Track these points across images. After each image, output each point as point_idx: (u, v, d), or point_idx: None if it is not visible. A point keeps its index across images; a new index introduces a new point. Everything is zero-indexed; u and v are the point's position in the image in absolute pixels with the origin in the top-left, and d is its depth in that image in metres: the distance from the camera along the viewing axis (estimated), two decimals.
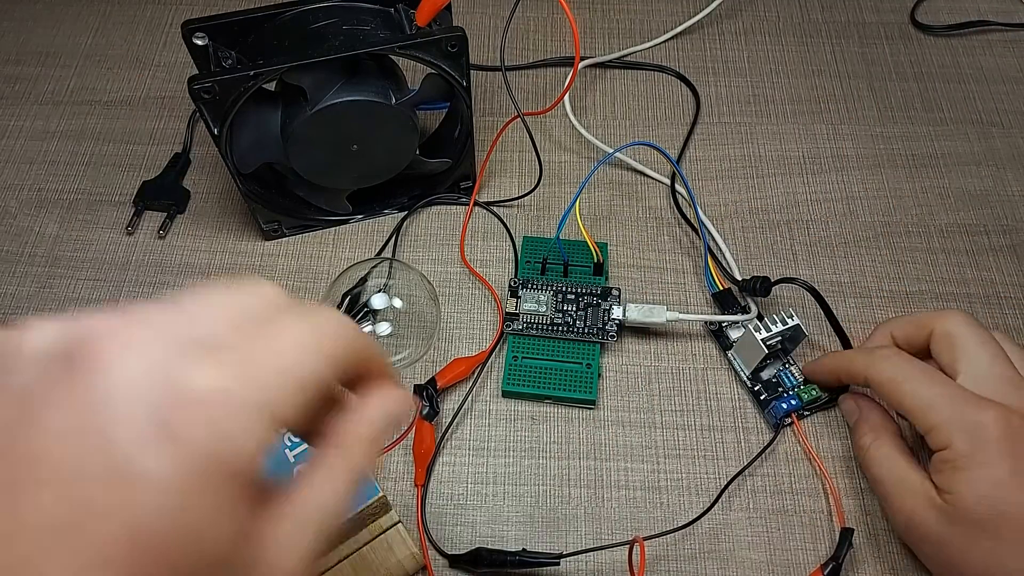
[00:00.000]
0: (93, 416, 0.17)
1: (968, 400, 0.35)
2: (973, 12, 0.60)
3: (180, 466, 0.17)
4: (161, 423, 0.17)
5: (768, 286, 0.43)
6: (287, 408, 0.19)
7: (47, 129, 0.54)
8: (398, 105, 0.43)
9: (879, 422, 0.40)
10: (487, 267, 0.48)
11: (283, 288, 0.22)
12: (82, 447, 0.16)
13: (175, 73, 0.57)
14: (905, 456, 0.38)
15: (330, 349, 0.21)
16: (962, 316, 0.38)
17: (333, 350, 0.21)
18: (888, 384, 0.37)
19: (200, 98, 0.39)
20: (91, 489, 0.16)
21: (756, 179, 0.52)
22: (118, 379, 0.17)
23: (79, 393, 0.17)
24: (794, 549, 0.40)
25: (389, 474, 0.42)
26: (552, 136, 0.54)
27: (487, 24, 0.59)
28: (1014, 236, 0.50)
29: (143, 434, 0.17)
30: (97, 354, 0.17)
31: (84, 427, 0.17)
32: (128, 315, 0.19)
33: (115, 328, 0.18)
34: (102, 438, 0.16)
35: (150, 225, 0.50)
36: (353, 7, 0.43)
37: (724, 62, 0.58)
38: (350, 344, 0.22)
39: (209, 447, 0.17)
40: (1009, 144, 0.54)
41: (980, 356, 0.36)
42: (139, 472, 0.17)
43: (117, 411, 0.17)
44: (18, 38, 0.58)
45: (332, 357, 0.21)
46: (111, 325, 0.18)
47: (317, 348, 0.21)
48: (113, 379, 0.17)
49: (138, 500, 0.17)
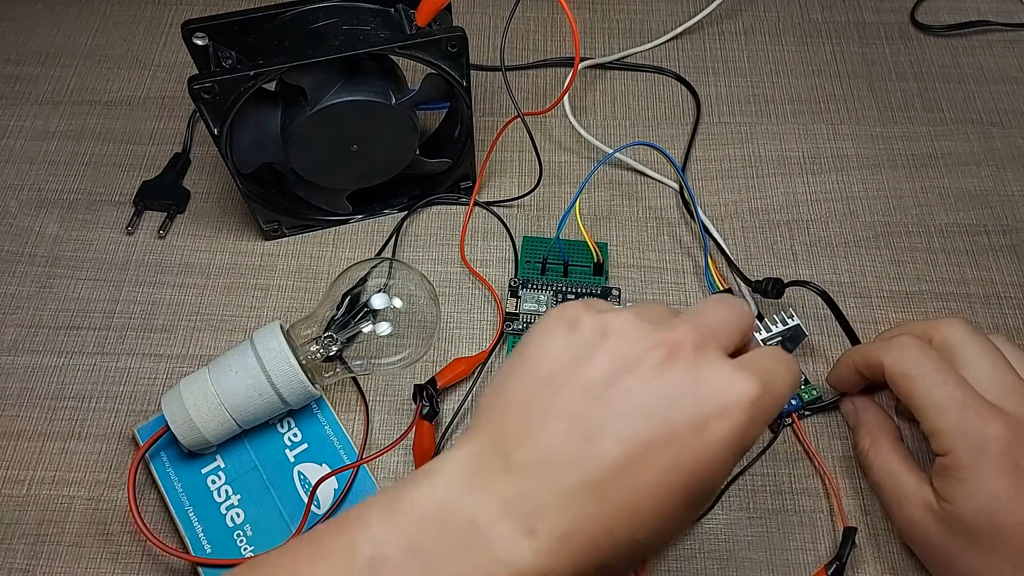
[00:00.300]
0: (687, 387, 0.28)
1: (977, 408, 0.34)
2: (973, 12, 0.60)
3: (729, 437, 0.27)
4: (726, 406, 0.27)
5: (780, 288, 0.43)
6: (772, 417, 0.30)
7: (47, 129, 0.54)
8: (398, 105, 0.43)
9: (877, 425, 0.40)
10: (487, 267, 0.48)
11: None
12: (674, 401, 0.27)
13: (175, 73, 0.57)
14: (903, 460, 0.38)
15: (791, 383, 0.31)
16: (960, 323, 0.37)
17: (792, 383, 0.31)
18: (901, 378, 0.36)
19: (200, 98, 0.39)
20: (677, 426, 0.27)
21: (756, 179, 0.52)
22: (706, 375, 0.28)
23: (678, 373, 0.28)
24: (794, 549, 0.40)
25: (389, 474, 0.42)
26: (552, 136, 0.54)
27: (487, 24, 0.59)
28: (1014, 236, 0.50)
29: (716, 410, 0.27)
30: (688, 355, 0.28)
31: (679, 392, 0.27)
32: (699, 331, 0.29)
33: (693, 341, 0.29)
34: (693, 402, 0.27)
35: (150, 225, 0.50)
36: (353, 7, 0.43)
37: (724, 62, 0.58)
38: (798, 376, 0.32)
39: (743, 431, 0.28)
40: (1009, 144, 0.54)
41: (981, 364, 0.36)
42: (710, 428, 0.27)
43: (704, 391, 0.27)
44: (18, 38, 0.58)
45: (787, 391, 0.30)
46: (693, 338, 0.29)
47: (794, 386, 0.31)
48: (702, 373, 0.28)
49: (700, 443, 0.27)
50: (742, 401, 0.27)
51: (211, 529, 0.38)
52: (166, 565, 0.39)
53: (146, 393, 0.44)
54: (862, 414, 0.41)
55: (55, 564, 0.39)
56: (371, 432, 0.43)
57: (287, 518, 0.39)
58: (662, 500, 0.27)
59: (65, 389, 0.44)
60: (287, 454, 0.41)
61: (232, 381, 0.38)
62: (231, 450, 0.40)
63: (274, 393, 0.38)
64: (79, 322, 0.46)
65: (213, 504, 0.39)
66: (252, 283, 0.48)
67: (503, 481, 0.27)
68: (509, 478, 0.27)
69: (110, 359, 0.45)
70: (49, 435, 0.42)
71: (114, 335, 0.46)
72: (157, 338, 0.46)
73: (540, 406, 0.28)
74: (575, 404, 0.28)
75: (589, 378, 0.28)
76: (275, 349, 0.38)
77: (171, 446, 0.40)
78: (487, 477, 0.27)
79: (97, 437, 0.42)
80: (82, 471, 0.41)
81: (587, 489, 0.26)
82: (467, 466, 0.27)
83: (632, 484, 0.27)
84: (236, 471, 0.40)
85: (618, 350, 0.29)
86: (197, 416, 0.37)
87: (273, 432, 0.41)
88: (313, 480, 0.40)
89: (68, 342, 0.45)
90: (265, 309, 0.47)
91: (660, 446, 0.27)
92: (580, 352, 0.29)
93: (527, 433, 0.27)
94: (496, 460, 0.27)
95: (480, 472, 0.27)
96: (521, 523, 0.26)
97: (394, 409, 0.43)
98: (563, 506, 0.26)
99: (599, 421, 0.27)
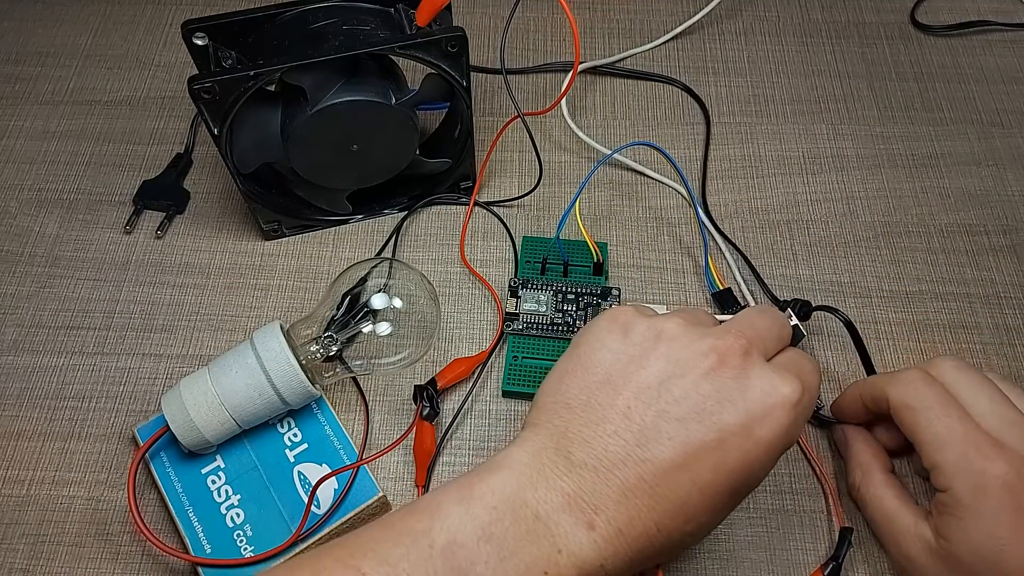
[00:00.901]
0: (736, 393, 0.30)
1: (979, 443, 0.33)
2: (973, 12, 0.60)
3: (773, 438, 0.30)
4: (770, 409, 0.30)
5: (808, 311, 0.44)
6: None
7: (47, 129, 0.54)
8: (398, 105, 0.43)
9: (867, 458, 0.39)
10: (487, 267, 0.48)
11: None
12: (723, 406, 0.30)
13: (175, 73, 0.57)
14: (898, 495, 0.37)
15: (819, 381, 0.33)
16: (951, 361, 0.37)
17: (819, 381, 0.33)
18: (903, 410, 0.36)
19: (200, 98, 0.39)
20: (725, 430, 0.29)
21: (756, 179, 0.52)
22: (752, 381, 0.30)
23: (728, 379, 0.30)
24: (794, 549, 0.40)
25: (389, 474, 0.42)
26: (552, 136, 0.54)
27: (487, 24, 0.59)
28: (1014, 236, 0.50)
29: (761, 413, 0.30)
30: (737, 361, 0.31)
31: (728, 396, 0.30)
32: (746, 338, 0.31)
33: (742, 348, 0.31)
34: (742, 406, 0.30)
35: (150, 225, 0.50)
36: (353, 7, 0.43)
37: (724, 62, 0.58)
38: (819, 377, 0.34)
39: (786, 431, 0.30)
40: (1009, 144, 0.54)
41: (978, 401, 0.35)
42: (755, 431, 0.30)
43: (751, 396, 0.30)
44: (18, 38, 0.58)
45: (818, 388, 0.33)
46: (741, 345, 0.31)
47: (819, 371, 0.33)
48: (749, 379, 0.30)
49: (747, 445, 0.29)
50: (787, 403, 0.30)
51: (211, 529, 0.38)
52: (166, 565, 0.39)
53: (146, 393, 0.44)
54: (852, 444, 0.40)
55: (55, 564, 0.39)
56: (371, 432, 0.43)
57: (287, 518, 0.39)
58: (711, 497, 0.29)
59: (65, 389, 0.44)
60: (287, 454, 0.41)
61: (232, 381, 0.38)
62: (231, 450, 0.40)
63: (274, 393, 0.38)
64: (79, 322, 0.46)
65: (213, 504, 0.39)
66: (252, 283, 0.48)
67: (565, 477, 0.29)
68: (570, 474, 0.29)
69: (110, 359, 0.45)
70: (49, 435, 0.42)
71: (114, 335, 0.46)
72: (157, 338, 0.46)
73: (598, 407, 0.30)
74: (630, 405, 0.30)
75: (643, 381, 0.30)
76: (275, 349, 0.38)
77: (171, 446, 0.40)
78: (550, 473, 0.29)
79: (97, 437, 0.42)
80: (82, 471, 0.41)
81: (642, 486, 0.29)
82: (530, 462, 0.30)
83: (683, 483, 0.29)
84: (236, 471, 0.40)
85: (670, 354, 0.31)
86: (197, 416, 0.37)
87: (273, 432, 0.41)
88: (313, 480, 0.40)
89: (68, 342, 0.45)
90: (265, 309, 0.47)
91: (710, 448, 0.29)
92: (634, 355, 0.31)
93: (586, 432, 0.30)
94: (558, 458, 0.30)
95: (543, 468, 0.29)
96: (582, 516, 0.28)
97: (394, 409, 0.43)
98: (620, 502, 0.29)
99: (653, 423, 0.29)
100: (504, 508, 0.28)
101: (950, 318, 0.47)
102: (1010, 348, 0.46)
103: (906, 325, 0.46)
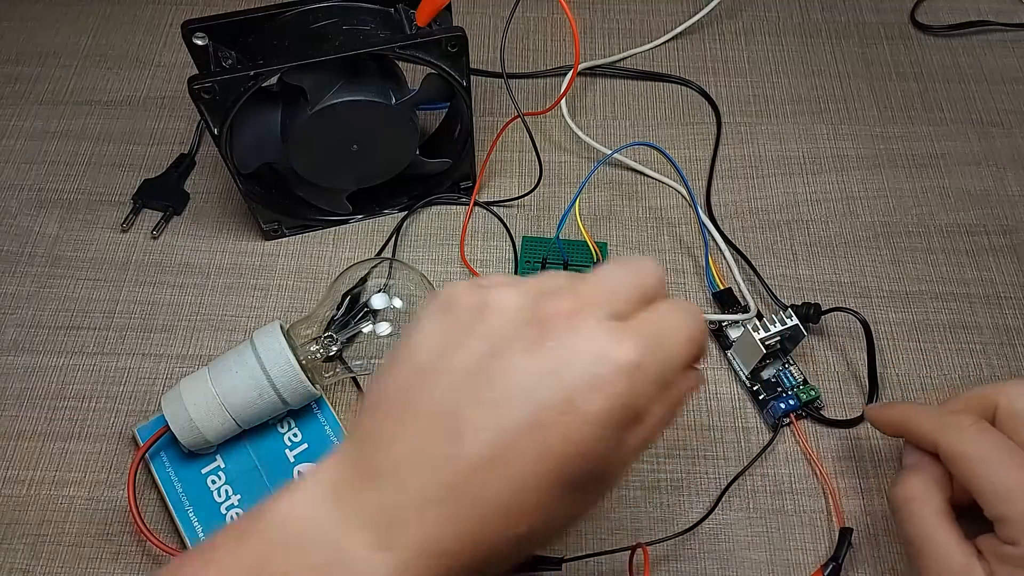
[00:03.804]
0: (556, 364, 0.24)
1: None
2: (973, 12, 0.60)
3: (603, 410, 0.24)
4: (596, 378, 0.24)
5: (818, 313, 0.44)
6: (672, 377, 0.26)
7: (47, 129, 0.54)
8: (398, 105, 0.43)
9: (936, 481, 0.34)
10: (487, 267, 0.48)
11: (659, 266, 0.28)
12: (541, 381, 0.24)
13: (175, 73, 0.57)
14: (952, 527, 0.33)
15: (702, 342, 0.27)
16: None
17: (704, 342, 0.27)
18: (959, 460, 0.32)
19: (200, 98, 0.39)
20: (543, 408, 0.24)
21: (756, 179, 0.52)
22: (575, 347, 0.24)
23: (548, 348, 0.24)
24: (794, 549, 0.40)
25: None
26: (552, 136, 0.54)
27: (487, 24, 0.59)
28: (1014, 236, 0.50)
29: (585, 384, 0.24)
30: (561, 327, 0.25)
31: (547, 369, 0.24)
32: (577, 298, 0.25)
33: (570, 310, 0.25)
34: (559, 379, 0.24)
35: (149, 224, 0.50)
36: (353, 7, 0.43)
37: (724, 62, 0.58)
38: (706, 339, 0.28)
39: (623, 402, 0.24)
40: (1009, 144, 0.54)
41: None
42: (579, 406, 0.24)
43: (573, 365, 0.24)
44: (18, 38, 0.58)
45: (702, 348, 0.27)
46: (568, 307, 0.25)
47: (694, 338, 0.27)
48: (572, 346, 0.24)
49: (572, 423, 0.24)
50: (620, 369, 0.24)
51: (211, 529, 0.38)
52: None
53: (146, 393, 0.44)
54: (926, 463, 0.35)
55: (55, 564, 0.39)
56: None
57: None
58: (536, 492, 0.24)
59: (65, 389, 0.44)
60: (287, 454, 0.41)
61: (232, 381, 0.38)
62: (231, 450, 0.40)
63: (274, 393, 0.38)
64: (79, 322, 0.46)
65: (213, 504, 0.39)
66: (252, 283, 0.48)
67: (366, 490, 0.24)
68: (371, 486, 0.24)
69: (110, 359, 0.45)
70: (49, 435, 0.42)
71: (114, 335, 0.46)
72: (157, 338, 0.46)
73: (409, 403, 0.25)
74: (440, 397, 0.25)
75: (458, 366, 0.25)
76: (275, 349, 0.38)
77: (171, 446, 0.40)
78: (354, 486, 0.25)
79: (97, 437, 0.42)
80: (82, 471, 0.41)
81: (446, 494, 0.24)
82: (334, 476, 0.25)
83: (498, 481, 0.24)
84: (236, 471, 0.40)
85: (491, 331, 0.25)
86: (197, 416, 0.37)
87: (273, 432, 0.41)
88: None
89: (68, 342, 0.45)
90: (265, 309, 0.47)
91: (525, 434, 0.24)
92: (452, 337, 0.26)
93: (397, 433, 0.25)
94: (363, 466, 0.25)
95: (346, 481, 0.25)
96: (378, 537, 0.24)
97: None
98: (420, 515, 0.24)
99: (464, 415, 0.24)
100: (290, 539, 0.24)
101: (950, 318, 0.47)
102: (1010, 348, 0.46)
103: (906, 325, 0.46)
